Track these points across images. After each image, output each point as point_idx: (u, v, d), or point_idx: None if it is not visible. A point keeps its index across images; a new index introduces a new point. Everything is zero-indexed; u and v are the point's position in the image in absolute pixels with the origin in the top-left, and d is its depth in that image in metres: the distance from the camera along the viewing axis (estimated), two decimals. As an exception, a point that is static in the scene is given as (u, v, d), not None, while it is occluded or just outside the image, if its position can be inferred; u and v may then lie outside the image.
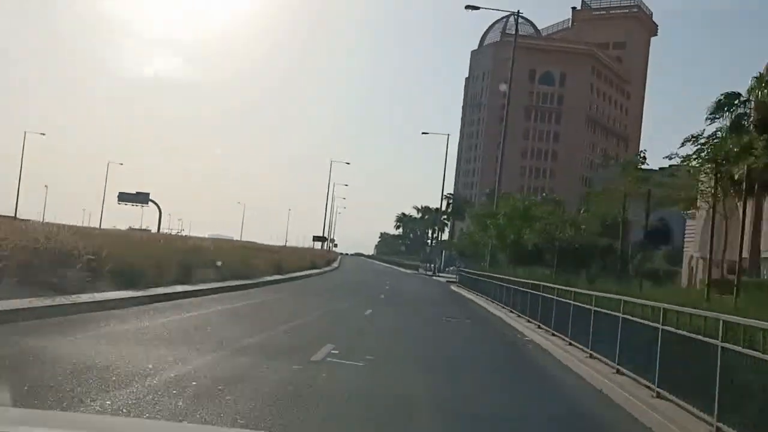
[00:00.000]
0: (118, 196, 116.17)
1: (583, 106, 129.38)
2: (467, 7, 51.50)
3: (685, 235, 54.92)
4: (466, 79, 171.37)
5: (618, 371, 10.83)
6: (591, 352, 13.17)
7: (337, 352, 11.18)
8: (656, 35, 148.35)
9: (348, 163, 78.39)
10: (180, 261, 21.16)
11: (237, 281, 22.78)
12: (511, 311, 23.77)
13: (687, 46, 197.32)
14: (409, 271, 74.16)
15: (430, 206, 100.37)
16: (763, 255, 37.24)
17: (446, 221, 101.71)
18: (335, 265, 57.84)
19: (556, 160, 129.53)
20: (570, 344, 15.19)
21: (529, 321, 20.48)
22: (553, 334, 16.92)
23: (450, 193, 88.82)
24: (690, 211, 54.03)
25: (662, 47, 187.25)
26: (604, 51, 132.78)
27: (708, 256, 51.46)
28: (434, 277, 62.68)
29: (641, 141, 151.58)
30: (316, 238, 60.10)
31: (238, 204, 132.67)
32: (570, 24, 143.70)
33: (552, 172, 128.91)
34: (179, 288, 17.32)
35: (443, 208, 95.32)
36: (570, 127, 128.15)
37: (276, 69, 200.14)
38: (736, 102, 31.58)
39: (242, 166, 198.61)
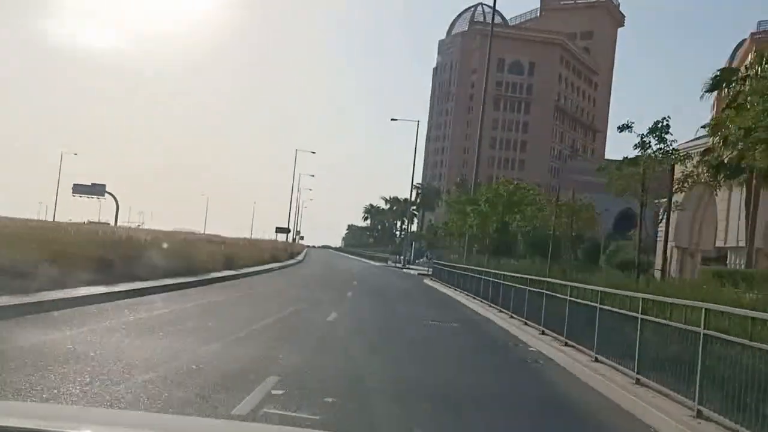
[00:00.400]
0: (73, 188, 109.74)
1: (552, 96, 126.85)
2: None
3: (659, 224, 52.22)
4: (434, 69, 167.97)
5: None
6: (638, 376, 9.43)
7: (280, 392, 7.15)
8: (623, 26, 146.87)
9: (314, 153, 74.39)
10: (101, 257, 16.94)
11: (171, 279, 18.52)
12: (501, 311, 20.04)
13: (653, 38, 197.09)
14: (378, 264, 70.27)
15: (399, 197, 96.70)
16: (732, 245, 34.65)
17: (416, 212, 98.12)
18: (299, 258, 53.57)
19: (525, 151, 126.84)
20: (596, 360, 11.43)
21: (526, 324, 16.78)
22: (567, 344, 13.20)
23: (420, 184, 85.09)
24: (662, 200, 51.61)
25: (629, 38, 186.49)
26: (572, 41, 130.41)
27: (685, 245, 48.31)
28: (404, 270, 58.89)
29: (608, 132, 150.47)
30: (278, 230, 55.70)
31: (202, 196, 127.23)
32: (538, 13, 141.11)
33: (521, 162, 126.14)
34: (83, 291, 13.07)
35: (413, 199, 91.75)
36: (539, 117, 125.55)
37: (239, 60, 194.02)
38: (734, 78, 28.55)
39: (207, 158, 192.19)
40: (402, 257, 71.57)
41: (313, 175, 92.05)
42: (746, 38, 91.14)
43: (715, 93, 29.19)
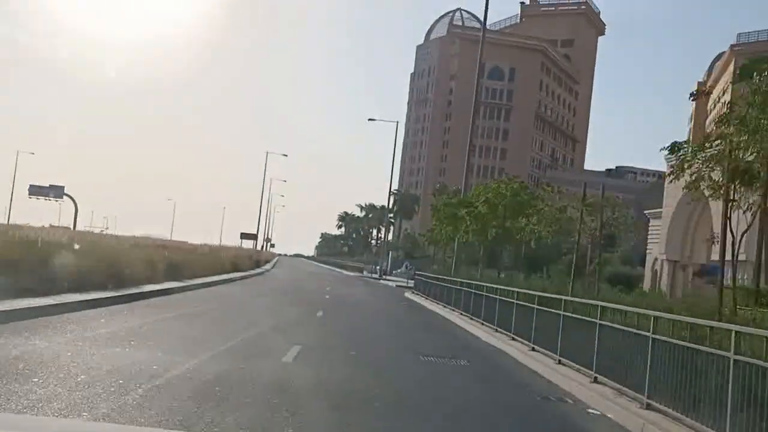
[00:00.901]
0: (29, 189, 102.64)
1: (532, 104, 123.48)
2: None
3: (649, 236, 48.40)
4: (411, 74, 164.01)
5: None
6: None
7: None
8: (603, 35, 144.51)
9: (286, 155, 69.22)
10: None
11: (82, 294, 13.52)
12: (515, 338, 15.30)
13: (633, 48, 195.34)
14: (352, 274, 65.31)
15: (375, 204, 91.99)
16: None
17: (392, 220, 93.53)
18: (267, 267, 48.27)
19: (504, 159, 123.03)
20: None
21: (560, 362, 12.08)
22: (649, 405, 8.53)
23: (397, 190, 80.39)
24: (652, 211, 47.42)
25: (609, 47, 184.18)
26: (552, 48, 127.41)
27: (676, 258, 44.22)
28: (382, 281, 54.02)
29: (588, 141, 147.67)
30: (244, 236, 50.27)
31: (169, 201, 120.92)
32: (518, 19, 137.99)
33: (500, 171, 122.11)
34: None
35: (390, 206, 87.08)
36: (519, 124, 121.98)
37: (212, 65, 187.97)
38: (766, 66, 24.64)
39: (178, 164, 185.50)
40: (378, 267, 66.76)
41: (285, 180, 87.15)
42: (724, 51, 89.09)
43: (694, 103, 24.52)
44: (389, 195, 70.45)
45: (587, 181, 32.35)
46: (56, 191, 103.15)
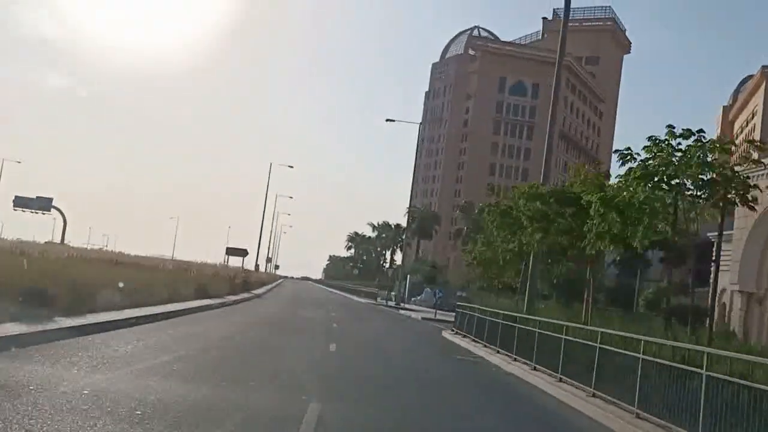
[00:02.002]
0: (14, 201, 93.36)
1: (557, 122, 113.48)
2: None
3: (714, 262, 38.21)
4: (426, 93, 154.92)
5: None
6: None
7: None
8: (629, 53, 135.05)
9: (291, 167, 59.65)
10: None
11: None
12: None
13: (658, 67, 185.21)
14: (364, 301, 54.88)
15: (389, 222, 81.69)
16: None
17: (399, 241, 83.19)
18: (260, 291, 37.74)
19: (526, 179, 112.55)
20: None
21: None
22: None
23: (415, 206, 70.04)
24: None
25: (634, 66, 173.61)
26: (578, 64, 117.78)
27: (750, 290, 33.82)
28: (401, 311, 43.48)
29: (612, 164, 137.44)
30: (230, 252, 39.13)
31: (171, 219, 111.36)
32: (541, 36, 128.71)
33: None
34: None
35: (407, 223, 76.90)
36: (542, 143, 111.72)
37: (218, 79, 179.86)
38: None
39: (185, 183, 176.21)
40: (394, 293, 56.38)
41: (291, 197, 77.37)
42: (753, 74, 79.50)
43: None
44: (408, 211, 60.14)
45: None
46: (44, 203, 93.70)
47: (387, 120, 51.52)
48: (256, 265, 48.86)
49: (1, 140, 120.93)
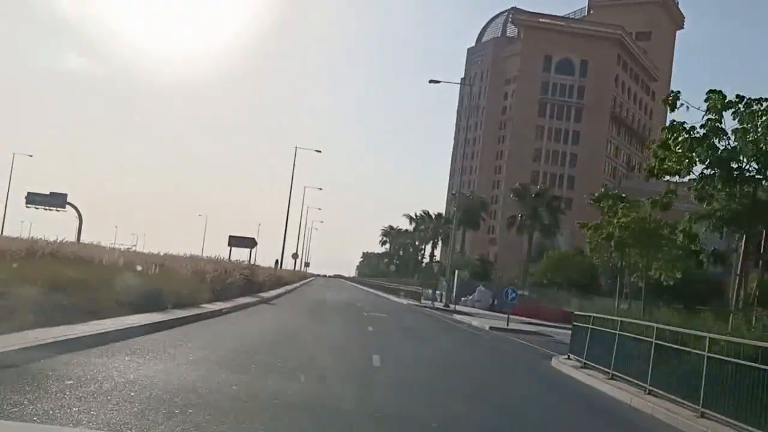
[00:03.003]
0: (26, 198, 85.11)
1: (607, 102, 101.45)
2: None
3: None
4: (462, 79, 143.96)
5: None
6: None
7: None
8: (682, 29, 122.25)
9: (319, 151, 50.30)
10: None
11: None
12: None
13: (715, 44, 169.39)
14: (405, 302, 44.88)
15: (430, 212, 71.33)
16: None
17: (443, 232, 72.74)
18: (273, 293, 27.23)
19: (574, 166, 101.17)
20: None
21: None
22: None
23: (460, 192, 59.56)
24: None
25: (688, 43, 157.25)
26: (629, 38, 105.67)
27: None
28: (456, 316, 33.13)
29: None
30: (234, 241, 28.94)
31: (199, 216, 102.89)
32: (586, 12, 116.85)
33: (570, 179, 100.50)
34: None
35: (445, 214, 66.49)
36: (592, 126, 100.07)
37: (246, 78, 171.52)
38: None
39: (212, 178, 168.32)
40: (439, 292, 46.27)
41: (320, 188, 67.99)
42: None
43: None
44: (448, 200, 49.80)
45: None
46: (58, 200, 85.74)
47: (431, 81, 41.27)
48: (277, 261, 39.27)
49: (12, 134, 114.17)
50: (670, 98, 14.80)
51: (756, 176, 13.59)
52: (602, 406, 10.40)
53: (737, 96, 13.84)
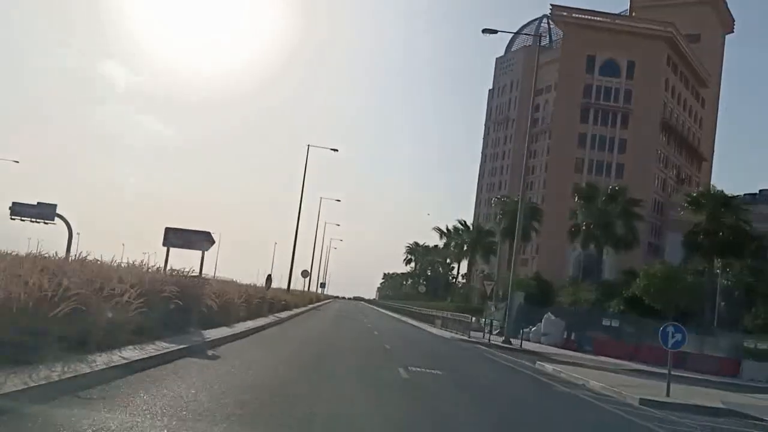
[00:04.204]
0: (11, 209, 75.00)
1: (656, 108, 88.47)
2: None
3: None
4: (490, 90, 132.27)
5: None
6: None
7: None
8: (732, 32, 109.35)
9: (336, 150, 39.24)
10: None
11: None
12: None
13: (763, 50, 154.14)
14: (447, 335, 32.08)
15: (466, 222, 58.56)
16: None
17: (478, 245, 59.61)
18: (238, 329, 15.57)
19: (621, 176, 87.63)
20: None
21: None
22: None
23: (507, 197, 46.77)
24: None
25: (737, 48, 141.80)
26: (680, 37, 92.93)
27: None
28: (547, 367, 19.82)
29: (714, 161, 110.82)
30: (173, 237, 18.24)
31: (214, 234, 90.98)
32: (628, 14, 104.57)
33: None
34: None
35: (479, 228, 53.54)
36: (640, 133, 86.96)
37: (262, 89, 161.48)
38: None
39: (224, 196, 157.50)
40: (488, 321, 33.64)
41: (338, 200, 56.52)
42: None
43: None
44: (521, 198, 37.18)
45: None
46: (46, 211, 75.04)
47: (484, 31, 29.04)
48: (269, 278, 27.11)
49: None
50: None
51: None
52: None
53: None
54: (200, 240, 16.02)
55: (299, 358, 13.17)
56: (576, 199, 45.06)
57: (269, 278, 27.43)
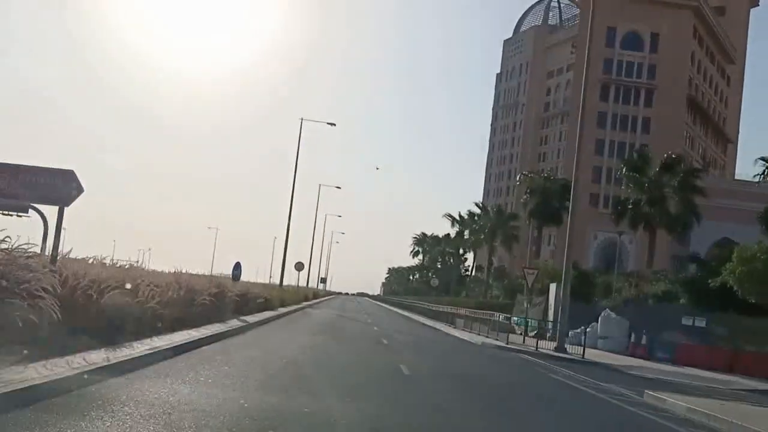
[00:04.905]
0: (-21, 198, 67.24)
1: (682, 84, 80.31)
2: None
3: None
4: (497, 75, 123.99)
5: None
6: None
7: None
8: (757, 6, 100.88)
9: (333, 124, 31.97)
10: None
11: None
12: None
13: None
14: (478, 341, 24.00)
15: (487, 206, 50.73)
16: None
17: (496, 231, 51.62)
18: (160, 344, 9.90)
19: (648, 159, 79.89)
20: None
21: None
22: None
23: (532, 172, 38.79)
24: None
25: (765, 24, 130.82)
26: (706, 6, 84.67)
27: None
28: (670, 404, 11.99)
29: (739, 141, 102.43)
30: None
31: (209, 229, 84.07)
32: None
33: (640, 175, 79.23)
34: None
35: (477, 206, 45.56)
36: (664, 111, 78.74)
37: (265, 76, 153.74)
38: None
39: (221, 189, 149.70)
40: (521, 321, 25.99)
41: (339, 187, 48.81)
42: None
43: None
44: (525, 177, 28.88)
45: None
46: (19, 203, 67.52)
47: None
48: (237, 266, 19.73)
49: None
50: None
51: None
52: None
53: None
54: (52, 184, 8.32)
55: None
56: (623, 171, 36.96)
57: (237, 267, 19.63)
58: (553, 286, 27.56)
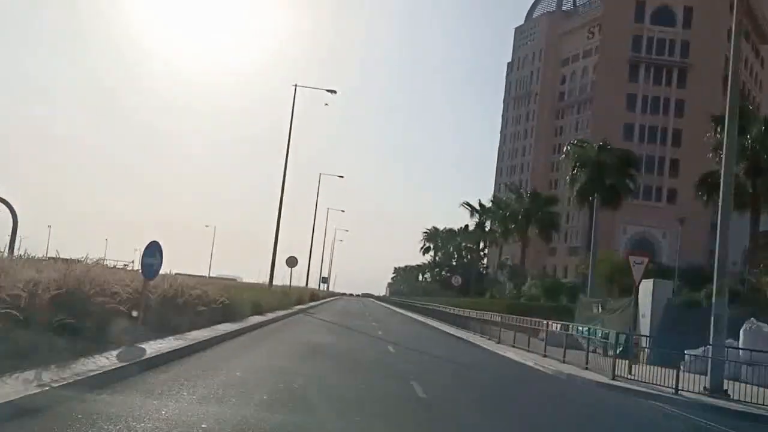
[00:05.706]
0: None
1: (717, 62, 71.14)
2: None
3: None
4: (509, 64, 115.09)
5: None
6: None
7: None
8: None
9: (334, 92, 23.93)
10: None
11: None
12: None
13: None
14: (550, 370, 14.98)
15: (519, 187, 41.59)
16: None
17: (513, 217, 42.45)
18: None
19: (678, 145, 70.73)
20: None
21: None
22: None
23: (583, 142, 29.62)
24: None
25: None
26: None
27: None
28: None
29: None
30: None
31: (207, 227, 76.06)
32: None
33: (673, 163, 70.07)
34: None
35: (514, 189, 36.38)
36: (699, 92, 69.78)
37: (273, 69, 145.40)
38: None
39: (222, 189, 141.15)
40: (610, 334, 16.99)
41: (341, 176, 39.98)
42: None
43: None
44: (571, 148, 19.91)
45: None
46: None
47: None
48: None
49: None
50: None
51: None
52: None
53: None
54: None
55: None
56: (715, 133, 27.85)
57: (153, 253, 10.71)
58: (648, 285, 18.45)
